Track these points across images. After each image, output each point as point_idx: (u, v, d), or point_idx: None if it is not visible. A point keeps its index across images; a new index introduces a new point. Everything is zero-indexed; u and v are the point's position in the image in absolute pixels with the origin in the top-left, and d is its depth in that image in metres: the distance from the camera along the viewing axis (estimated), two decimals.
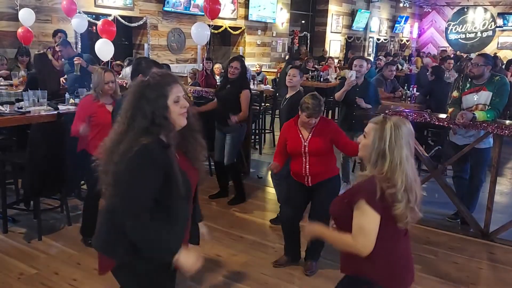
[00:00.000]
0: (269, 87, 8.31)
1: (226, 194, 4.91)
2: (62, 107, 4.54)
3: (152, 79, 1.79)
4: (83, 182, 4.47)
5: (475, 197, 4.44)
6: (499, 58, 10.78)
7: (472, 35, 19.36)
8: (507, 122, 4.02)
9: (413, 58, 15.87)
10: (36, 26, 7.25)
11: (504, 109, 4.23)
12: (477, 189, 4.41)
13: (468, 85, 4.18)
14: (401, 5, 18.53)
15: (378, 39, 18.55)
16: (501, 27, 18.52)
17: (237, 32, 11.62)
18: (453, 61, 8.83)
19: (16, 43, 7.08)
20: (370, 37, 17.75)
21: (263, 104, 7.34)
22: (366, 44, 17.61)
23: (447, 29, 20.01)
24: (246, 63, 6.10)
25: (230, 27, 11.21)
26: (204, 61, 7.58)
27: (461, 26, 19.62)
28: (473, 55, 13.43)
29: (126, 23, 8.90)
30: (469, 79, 4.19)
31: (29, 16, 6.96)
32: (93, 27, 8.40)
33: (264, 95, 7.56)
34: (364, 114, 4.47)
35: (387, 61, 8.36)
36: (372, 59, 11.93)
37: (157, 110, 1.74)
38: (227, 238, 3.95)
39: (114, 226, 1.76)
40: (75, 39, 7.93)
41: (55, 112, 4.27)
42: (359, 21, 16.40)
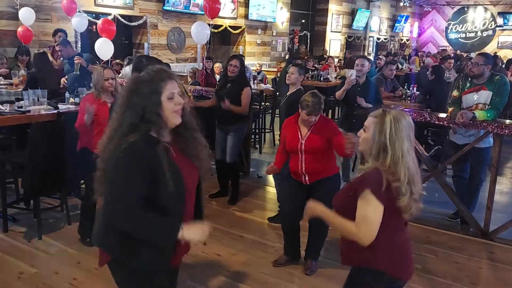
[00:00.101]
0: (269, 86, 8.30)
1: (226, 193, 4.91)
2: (62, 106, 4.53)
3: (146, 75, 1.77)
4: (83, 181, 4.47)
5: (475, 196, 4.44)
6: (499, 58, 10.79)
7: (472, 34, 19.37)
8: (507, 121, 4.02)
9: (412, 58, 15.85)
10: (36, 25, 7.25)
11: (504, 108, 4.23)
12: (477, 189, 4.41)
13: (468, 84, 4.17)
14: (401, 4, 18.52)
15: (378, 39, 18.54)
16: (501, 26, 18.53)
17: (237, 31, 11.61)
18: (453, 60, 8.82)
19: (16, 42, 7.08)
20: (370, 36, 17.74)
21: (263, 103, 7.34)
22: (366, 44, 17.61)
23: (447, 28, 20.02)
24: (246, 62, 6.11)
25: (230, 26, 11.21)
26: (204, 60, 7.57)
27: (461, 25, 19.64)
28: (473, 54, 13.44)
29: (126, 22, 8.89)
30: (469, 79, 4.19)
31: (29, 15, 6.96)
32: (93, 26, 8.40)
33: (264, 94, 7.56)
34: (365, 114, 4.41)
35: (388, 60, 8.34)
36: (372, 59, 11.93)
37: (148, 105, 1.71)
38: (227, 238, 3.95)
39: (106, 219, 1.76)
40: (75, 38, 7.92)
41: (55, 111, 4.27)
42: (359, 21, 16.39)
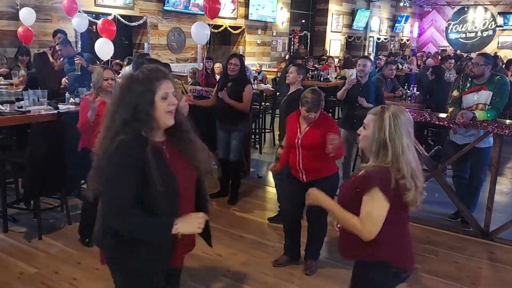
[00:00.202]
0: (269, 86, 8.30)
1: (227, 193, 4.90)
2: (62, 107, 4.53)
3: (141, 73, 1.74)
4: (83, 181, 4.47)
5: (475, 196, 4.43)
6: (499, 58, 10.79)
7: (473, 34, 19.37)
8: (507, 121, 4.02)
9: (410, 58, 15.83)
10: (36, 26, 7.25)
11: (504, 108, 4.23)
12: (477, 189, 4.41)
13: (468, 84, 4.17)
14: (401, 4, 18.52)
15: (378, 39, 18.55)
16: (502, 26, 18.52)
17: (237, 32, 11.61)
18: (453, 60, 8.82)
19: (16, 42, 7.08)
20: (370, 36, 17.74)
21: (263, 103, 7.34)
22: (366, 44, 17.61)
23: (447, 28, 20.02)
24: (246, 62, 6.10)
25: (230, 26, 11.21)
26: (204, 60, 7.58)
27: (461, 25, 19.64)
28: (473, 54, 13.43)
29: (126, 22, 8.89)
30: (470, 79, 4.18)
31: (30, 15, 6.96)
32: (93, 26, 8.40)
33: (264, 94, 7.56)
34: (366, 114, 4.45)
35: (389, 61, 8.34)
36: (372, 59, 11.90)
37: (141, 104, 1.68)
38: (227, 238, 3.95)
39: (103, 219, 1.75)
40: (75, 38, 7.92)
41: (55, 112, 4.26)
42: (359, 21, 16.39)
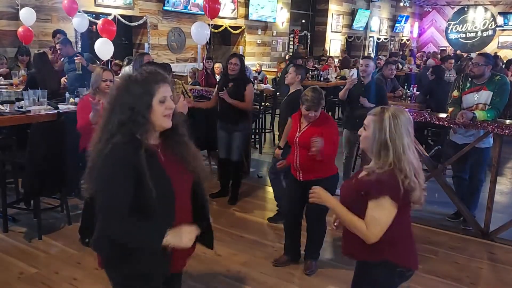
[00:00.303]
0: (269, 86, 8.30)
1: (227, 193, 4.90)
2: (62, 107, 4.53)
3: (139, 75, 1.71)
4: (83, 181, 4.47)
5: (476, 197, 4.43)
6: (499, 58, 10.77)
7: (473, 34, 19.37)
8: (507, 121, 4.02)
9: (408, 58, 15.83)
10: (36, 26, 7.25)
11: (504, 108, 4.23)
12: (477, 189, 4.41)
13: (469, 84, 4.17)
14: (401, 4, 18.52)
15: (379, 39, 18.54)
16: (502, 26, 18.52)
17: (237, 32, 11.61)
18: (453, 60, 8.81)
19: (16, 42, 7.08)
20: (370, 36, 17.75)
21: (263, 103, 7.33)
22: (367, 44, 17.61)
23: (447, 28, 20.02)
24: (246, 62, 6.10)
25: (230, 26, 11.21)
26: (204, 61, 7.58)
27: (461, 25, 19.64)
28: (473, 54, 13.43)
29: (126, 22, 8.89)
30: (470, 79, 4.18)
31: (30, 15, 6.96)
32: (93, 26, 8.40)
33: (264, 94, 7.55)
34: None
35: (389, 60, 8.33)
36: None
37: (137, 106, 1.66)
38: (227, 238, 3.95)
39: (97, 222, 1.73)
40: (75, 38, 7.93)
41: (55, 112, 4.26)
42: (359, 21, 16.39)
